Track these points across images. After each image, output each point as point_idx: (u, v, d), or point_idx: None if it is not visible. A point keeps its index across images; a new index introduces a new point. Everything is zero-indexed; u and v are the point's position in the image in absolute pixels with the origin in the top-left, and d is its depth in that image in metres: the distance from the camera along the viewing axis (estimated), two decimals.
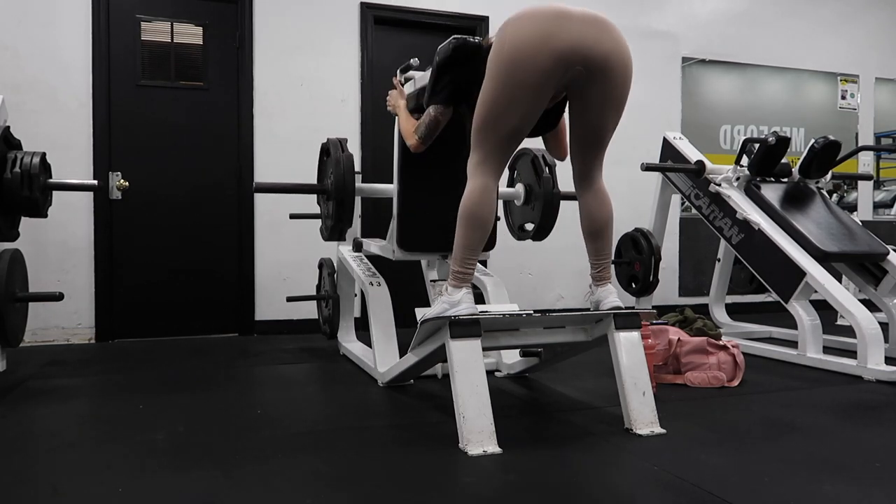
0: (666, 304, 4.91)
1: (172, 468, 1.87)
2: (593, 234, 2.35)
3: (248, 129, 4.36)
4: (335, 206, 2.89)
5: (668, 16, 5.47)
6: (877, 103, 6.22)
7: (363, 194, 3.23)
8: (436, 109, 2.42)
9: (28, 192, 2.72)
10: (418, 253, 2.98)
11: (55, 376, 3.11)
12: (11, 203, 2.74)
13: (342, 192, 2.85)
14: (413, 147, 2.54)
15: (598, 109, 2.17)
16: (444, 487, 1.77)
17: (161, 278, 4.22)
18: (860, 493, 1.69)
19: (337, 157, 2.88)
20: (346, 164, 2.86)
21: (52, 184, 2.92)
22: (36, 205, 2.79)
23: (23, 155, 2.76)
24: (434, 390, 2.79)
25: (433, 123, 2.44)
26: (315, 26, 4.51)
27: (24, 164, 2.72)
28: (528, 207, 3.28)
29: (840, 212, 3.89)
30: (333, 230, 3.01)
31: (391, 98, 2.81)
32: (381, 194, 3.28)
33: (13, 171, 2.70)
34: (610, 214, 2.35)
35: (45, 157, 2.84)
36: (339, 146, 2.93)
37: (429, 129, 2.46)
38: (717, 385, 2.88)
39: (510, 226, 3.53)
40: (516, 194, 3.31)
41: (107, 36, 4.09)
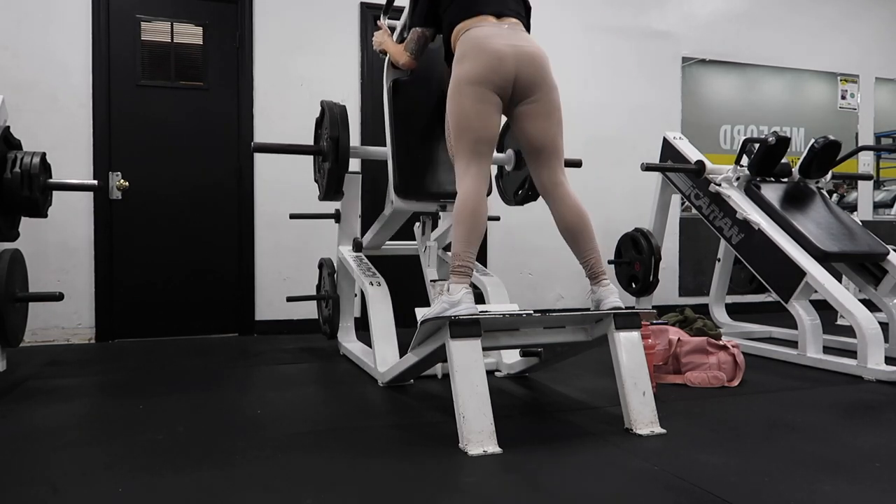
0: (666, 304, 4.91)
1: (172, 468, 1.86)
2: (570, 236, 2.45)
3: (248, 129, 4.36)
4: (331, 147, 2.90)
5: (668, 16, 5.47)
6: (877, 103, 6.22)
7: (359, 155, 3.32)
8: (420, 28, 2.69)
9: (28, 192, 2.72)
10: (416, 201, 2.96)
11: (55, 376, 3.10)
12: (11, 203, 2.74)
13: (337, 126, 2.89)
14: (406, 63, 2.77)
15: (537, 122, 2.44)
16: (444, 487, 1.77)
17: (161, 278, 4.22)
18: (860, 493, 1.69)
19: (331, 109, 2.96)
20: (339, 110, 2.95)
21: (52, 184, 2.92)
22: (36, 205, 2.79)
23: (23, 155, 2.76)
24: (434, 390, 2.79)
25: (421, 38, 2.71)
26: (315, 26, 4.51)
27: (24, 164, 2.72)
28: (520, 172, 3.30)
29: (840, 212, 3.89)
30: (330, 184, 2.99)
31: (377, 37, 3.00)
32: (375, 156, 3.31)
33: (13, 171, 2.70)
34: (580, 214, 2.43)
35: (45, 157, 2.85)
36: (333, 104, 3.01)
37: (417, 44, 2.71)
38: (717, 385, 2.88)
39: (503, 192, 3.54)
40: (507, 159, 3.33)
41: (107, 36, 4.10)
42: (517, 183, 3.38)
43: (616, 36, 5.26)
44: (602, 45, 5.23)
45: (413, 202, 2.94)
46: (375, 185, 4.41)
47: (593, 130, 5.04)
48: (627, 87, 5.31)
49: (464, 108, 2.36)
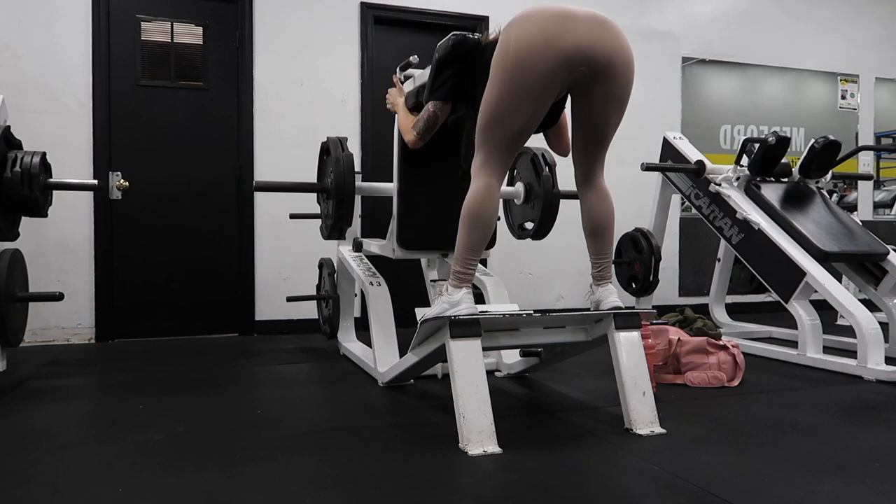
0: (666, 304, 4.91)
1: (172, 468, 1.87)
2: (595, 232, 2.36)
3: (248, 129, 4.36)
4: (335, 205, 2.89)
5: (668, 16, 5.47)
6: (877, 103, 6.22)
7: (363, 193, 3.23)
8: (434, 105, 2.44)
9: (28, 191, 2.72)
10: (418, 252, 2.98)
11: (55, 376, 3.10)
12: (12, 202, 2.74)
13: (342, 190, 2.85)
14: (411, 143, 2.56)
15: (601, 109, 2.18)
16: (445, 487, 1.77)
17: (161, 278, 4.22)
18: (860, 493, 1.69)
19: (337, 155, 2.88)
20: (345, 162, 2.86)
21: (53, 183, 2.92)
22: (36, 204, 2.79)
23: (23, 154, 2.76)
24: (434, 390, 2.79)
25: (432, 119, 2.46)
26: (315, 26, 4.51)
27: (24, 164, 2.72)
28: (528, 206, 3.28)
29: (840, 212, 3.88)
30: (333, 229, 3.01)
31: (390, 96, 2.82)
32: (380, 193, 3.28)
33: (13, 170, 2.70)
34: (611, 213, 2.36)
35: (45, 156, 2.84)
36: (339, 145, 2.93)
37: (427, 124, 2.47)
38: (717, 385, 2.88)
39: (510, 225, 3.53)
40: (516, 193, 3.31)
41: (107, 36, 4.09)
42: (524, 217, 3.36)
43: None
44: None
45: (415, 253, 2.96)
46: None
47: None
48: None
49: (502, 94, 2.05)
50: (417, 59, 2.89)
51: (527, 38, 2.00)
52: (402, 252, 2.92)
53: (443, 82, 2.40)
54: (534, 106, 2.10)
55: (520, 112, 2.09)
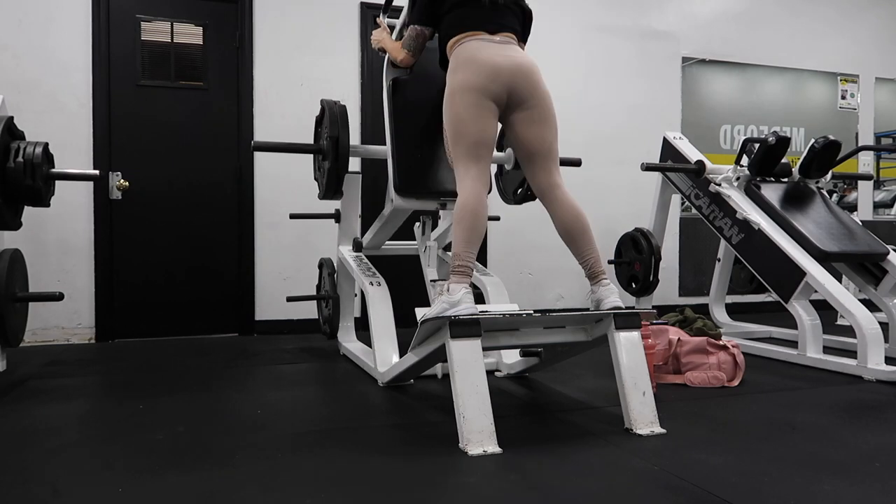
0: (666, 304, 4.91)
1: (172, 468, 1.86)
2: (570, 236, 2.46)
3: (248, 129, 4.36)
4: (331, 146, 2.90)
5: (668, 16, 5.47)
6: (877, 103, 6.22)
7: (359, 154, 3.32)
8: (419, 27, 2.67)
9: (31, 181, 2.74)
10: (416, 199, 2.95)
11: (55, 376, 3.10)
12: (15, 192, 2.76)
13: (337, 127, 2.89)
14: (403, 60, 2.76)
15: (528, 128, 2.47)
16: (445, 487, 1.77)
17: (161, 278, 4.22)
18: (860, 493, 1.69)
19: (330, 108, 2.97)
20: (339, 111, 2.95)
21: (55, 173, 2.93)
22: (39, 194, 2.81)
23: (25, 145, 2.78)
24: (434, 390, 2.79)
25: (419, 37, 2.68)
26: (315, 26, 4.51)
27: (27, 154, 2.75)
28: (519, 171, 3.29)
29: (840, 212, 3.89)
30: (329, 183, 3.00)
31: (376, 35, 3.00)
32: (375, 155, 3.31)
33: (16, 160, 2.72)
34: (577, 215, 2.44)
35: (47, 147, 2.86)
36: (333, 103, 3.02)
37: (416, 41, 2.70)
38: (717, 385, 2.88)
39: (503, 191, 3.54)
40: (506, 158, 3.32)
41: (107, 36, 4.10)
42: (516, 182, 3.39)
43: (616, 36, 5.26)
44: (602, 46, 5.23)
45: (413, 200, 2.94)
46: (375, 185, 4.41)
47: (593, 130, 5.04)
48: (627, 87, 5.31)
49: (459, 114, 2.39)
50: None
51: (467, 84, 2.39)
52: (402, 200, 2.90)
53: (420, 7, 2.64)
54: (481, 124, 2.40)
55: (473, 126, 2.38)
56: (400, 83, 3.01)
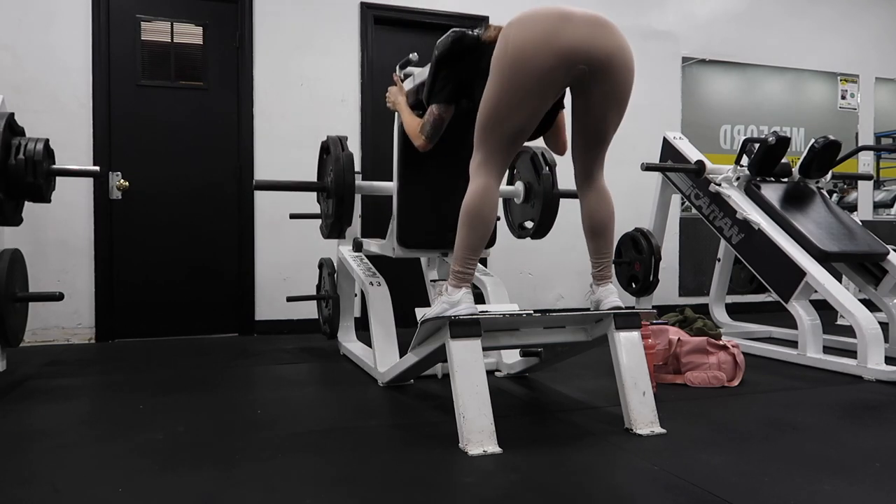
0: (666, 304, 4.91)
1: (172, 468, 1.86)
2: (595, 232, 2.35)
3: (248, 129, 4.36)
4: (335, 204, 2.89)
5: (668, 16, 5.47)
6: (877, 103, 6.22)
7: (363, 192, 3.24)
8: (438, 108, 2.45)
9: (32, 177, 2.75)
10: (418, 250, 2.96)
11: (55, 376, 3.10)
12: (16, 188, 2.77)
13: (342, 189, 2.85)
14: (420, 147, 2.56)
15: (600, 108, 2.18)
16: (444, 487, 1.77)
17: (161, 278, 4.22)
18: (860, 493, 1.69)
19: (337, 154, 2.88)
20: (345, 161, 2.86)
21: (56, 170, 2.94)
22: (40, 190, 2.82)
23: (27, 141, 2.79)
24: (434, 390, 2.79)
25: (437, 121, 2.47)
26: (315, 26, 4.51)
27: (28, 151, 2.75)
28: (528, 205, 3.28)
29: (840, 212, 3.88)
30: (333, 228, 3.00)
31: (391, 94, 2.82)
32: (380, 192, 3.28)
33: (17, 157, 2.73)
34: (611, 213, 2.36)
35: (48, 143, 2.86)
36: (339, 144, 2.93)
37: (434, 127, 2.48)
38: (717, 385, 2.88)
39: (510, 224, 3.53)
40: (516, 192, 3.30)
41: (107, 36, 4.10)
42: (524, 217, 3.36)
43: None
44: None
45: (415, 251, 2.95)
46: None
47: None
48: None
49: (501, 94, 2.06)
50: (417, 56, 2.89)
51: (525, 38, 2.00)
52: (403, 251, 2.92)
53: (444, 83, 2.39)
54: (532, 106, 2.10)
55: (518, 112, 2.09)
56: None
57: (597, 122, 2.21)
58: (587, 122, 2.22)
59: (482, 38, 2.31)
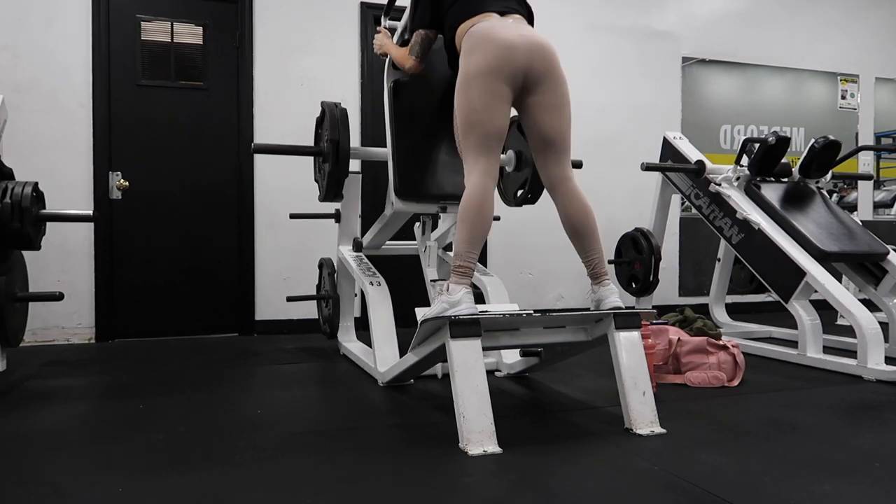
0: (666, 304, 4.91)
1: (172, 468, 1.86)
2: (576, 233, 2.42)
3: (248, 129, 4.36)
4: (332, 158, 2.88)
5: (668, 16, 5.47)
6: (877, 103, 6.22)
7: (359, 156, 3.31)
8: (424, 30, 2.66)
9: (19, 224, 2.60)
10: (416, 202, 2.94)
11: (55, 376, 3.10)
12: (2, 236, 2.61)
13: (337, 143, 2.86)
14: (412, 67, 2.73)
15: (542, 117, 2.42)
16: (444, 487, 1.77)
17: (161, 278, 4.22)
18: (860, 493, 1.69)
19: (331, 112, 2.94)
20: (339, 115, 2.92)
21: (46, 215, 2.78)
22: (28, 238, 2.66)
23: (14, 185, 2.63)
24: (434, 390, 2.79)
25: (425, 41, 2.68)
26: (315, 26, 4.51)
27: (14, 196, 2.59)
28: (520, 173, 3.29)
29: (840, 211, 3.89)
30: (330, 187, 2.99)
31: (378, 40, 3.00)
32: (376, 157, 3.30)
33: (3, 202, 2.58)
34: (587, 211, 2.41)
35: (37, 186, 2.72)
36: (333, 105, 2.99)
37: (422, 46, 2.68)
38: (717, 385, 2.88)
39: (504, 193, 3.53)
40: (507, 160, 3.31)
41: (107, 36, 4.10)
42: (517, 184, 3.38)
43: (616, 36, 5.26)
44: (602, 45, 5.23)
45: (413, 204, 2.94)
46: (375, 186, 4.41)
47: (593, 130, 5.03)
48: (628, 87, 5.31)
49: (472, 102, 2.32)
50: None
51: (481, 66, 2.32)
52: (401, 203, 2.90)
53: (424, 9, 2.63)
54: (494, 112, 2.33)
55: (485, 116, 2.32)
56: (401, 85, 3.01)
57: (543, 129, 2.42)
58: (536, 131, 2.44)
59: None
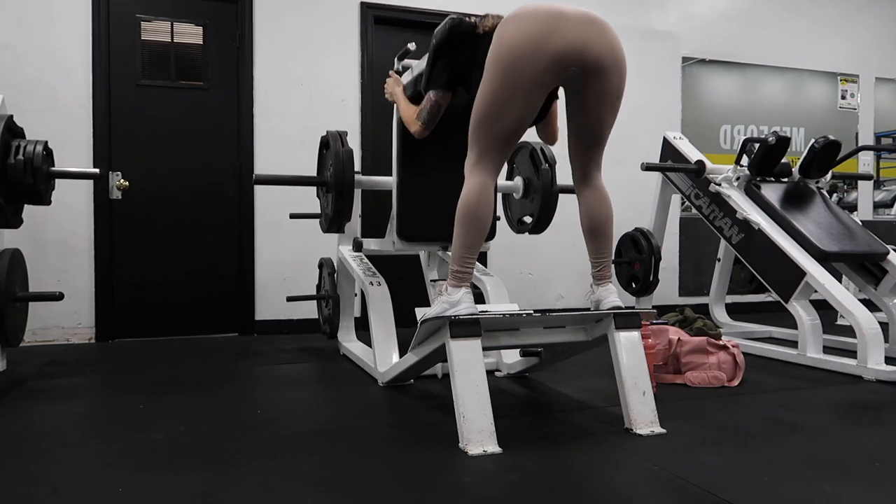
0: (666, 304, 4.91)
1: (172, 468, 1.86)
2: (593, 232, 2.36)
3: (248, 129, 4.36)
4: (334, 198, 2.89)
5: (668, 16, 5.47)
6: (877, 103, 6.22)
7: (362, 186, 3.26)
8: (435, 94, 2.45)
9: (31, 179, 2.75)
10: (419, 244, 2.96)
11: (55, 376, 3.10)
12: (15, 191, 2.77)
13: (341, 182, 2.85)
14: (417, 133, 2.56)
15: (593, 108, 2.19)
16: (444, 487, 1.77)
17: (161, 278, 4.22)
18: (860, 493, 1.69)
19: (336, 148, 2.89)
20: (345, 155, 2.88)
21: (55, 172, 2.94)
22: (39, 193, 2.82)
23: (26, 143, 2.79)
24: (434, 390, 2.79)
25: (435, 108, 2.47)
26: (315, 26, 4.51)
27: (27, 153, 2.75)
28: (527, 200, 3.29)
29: (840, 211, 3.89)
30: (332, 222, 3.00)
31: (388, 86, 2.84)
32: (380, 187, 3.29)
33: (17, 158, 2.73)
34: (610, 213, 2.36)
35: (47, 145, 2.87)
36: (339, 138, 2.95)
37: (431, 113, 2.48)
38: (717, 385, 2.88)
39: (509, 219, 3.53)
40: (515, 187, 3.31)
41: (107, 36, 4.10)
42: (523, 212, 3.36)
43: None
44: None
45: (415, 245, 2.95)
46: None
47: None
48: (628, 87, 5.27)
49: (495, 92, 2.06)
50: (415, 46, 2.91)
51: (519, 37, 2.01)
52: (403, 244, 2.91)
53: (442, 69, 2.39)
54: (526, 103, 2.11)
55: (512, 109, 2.10)
56: None
57: (591, 122, 2.22)
58: (582, 123, 2.23)
59: (479, 25, 2.30)
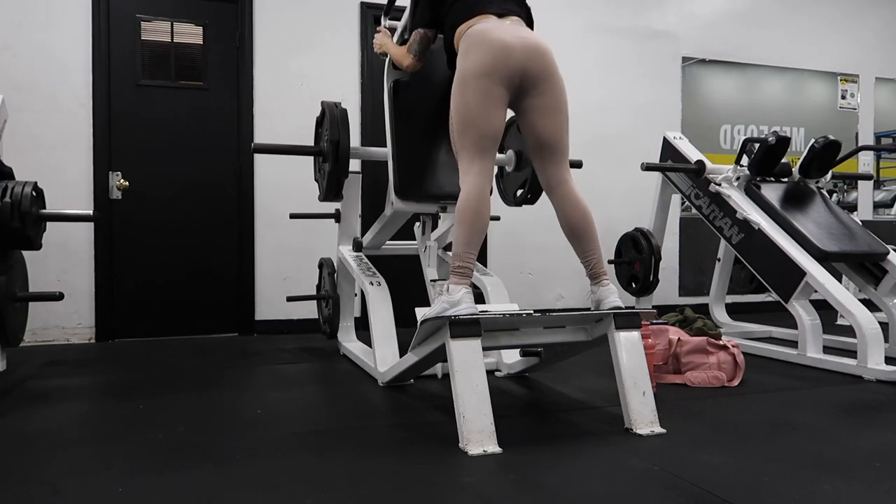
0: (666, 303, 4.91)
1: (172, 468, 1.87)
2: (574, 234, 2.43)
3: (248, 129, 4.36)
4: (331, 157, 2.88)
5: (668, 16, 5.46)
6: (877, 103, 6.22)
7: (359, 156, 3.32)
8: (423, 29, 2.67)
9: (20, 223, 2.58)
10: (416, 202, 2.94)
11: (55, 376, 3.10)
12: (1, 235, 2.59)
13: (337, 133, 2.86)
14: (410, 66, 2.75)
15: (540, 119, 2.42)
16: (445, 487, 1.77)
17: (161, 278, 4.22)
18: (860, 493, 1.69)
19: (331, 112, 2.94)
20: (339, 115, 2.92)
21: (46, 215, 2.77)
22: (28, 238, 2.65)
23: (13, 185, 2.61)
24: (434, 390, 2.79)
25: (424, 39, 2.69)
26: (315, 26, 4.51)
27: (14, 195, 2.57)
28: (520, 173, 3.29)
29: (840, 211, 3.88)
30: (330, 186, 2.98)
31: (377, 39, 3.01)
32: (376, 157, 3.31)
33: (3, 200, 2.56)
34: (585, 213, 2.42)
35: (37, 185, 2.70)
36: (333, 105, 2.99)
37: (420, 45, 2.69)
38: (717, 385, 2.88)
39: (504, 193, 3.53)
40: (507, 160, 3.32)
41: (107, 36, 4.10)
42: (517, 184, 3.38)
43: (616, 36, 5.26)
44: (602, 45, 5.23)
45: (413, 204, 2.94)
46: (376, 186, 4.41)
47: (594, 130, 5.03)
48: (628, 87, 5.31)
49: (468, 103, 2.33)
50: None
51: (477, 67, 2.33)
52: (401, 203, 2.90)
53: (424, 9, 2.64)
54: (493, 114, 2.35)
55: (482, 118, 2.33)
56: (401, 85, 3.01)
57: (541, 131, 2.42)
58: (534, 133, 2.44)
59: None
